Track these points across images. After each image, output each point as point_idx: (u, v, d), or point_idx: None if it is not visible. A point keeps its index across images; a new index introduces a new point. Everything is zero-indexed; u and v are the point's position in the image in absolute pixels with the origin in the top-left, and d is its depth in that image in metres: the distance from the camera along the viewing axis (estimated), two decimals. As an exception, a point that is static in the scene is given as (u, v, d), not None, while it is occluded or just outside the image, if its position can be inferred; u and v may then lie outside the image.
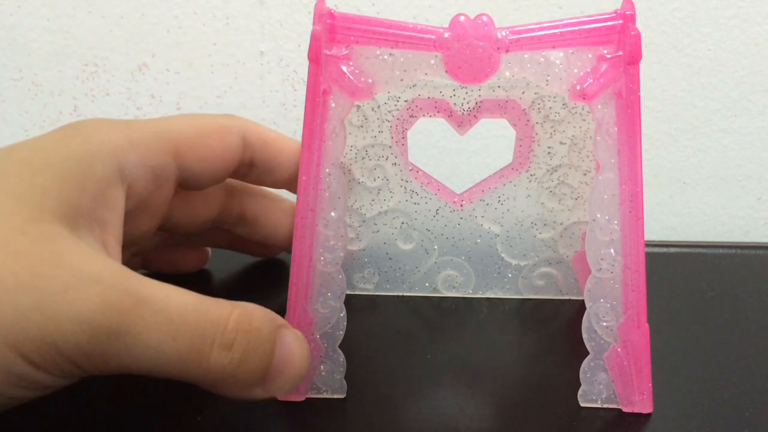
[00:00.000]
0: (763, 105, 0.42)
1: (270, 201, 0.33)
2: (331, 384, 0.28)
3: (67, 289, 0.20)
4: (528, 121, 0.30)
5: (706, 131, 0.42)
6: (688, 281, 0.36)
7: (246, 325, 0.23)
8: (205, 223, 0.32)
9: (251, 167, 0.30)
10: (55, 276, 0.20)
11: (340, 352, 0.28)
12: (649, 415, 0.28)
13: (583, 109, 0.30)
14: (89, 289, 0.21)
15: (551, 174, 0.32)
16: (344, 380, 0.28)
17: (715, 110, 0.42)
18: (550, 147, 0.31)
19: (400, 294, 0.35)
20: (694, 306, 0.34)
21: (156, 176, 0.27)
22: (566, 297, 0.35)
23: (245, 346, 0.23)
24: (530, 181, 0.32)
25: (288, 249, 0.34)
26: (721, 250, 0.38)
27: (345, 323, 0.28)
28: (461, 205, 0.33)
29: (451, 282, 0.34)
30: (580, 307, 0.34)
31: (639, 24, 0.24)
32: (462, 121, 0.31)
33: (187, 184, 0.29)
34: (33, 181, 0.22)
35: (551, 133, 0.31)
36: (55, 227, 0.21)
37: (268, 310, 0.25)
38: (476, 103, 0.30)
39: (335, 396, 0.28)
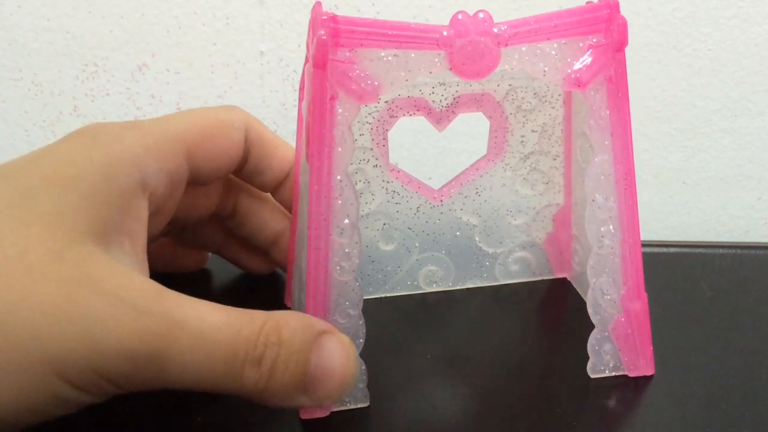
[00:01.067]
0: (763, 105, 0.42)
1: (261, 200, 0.33)
2: (355, 394, 0.28)
3: (106, 318, 0.21)
4: (502, 112, 0.31)
5: (706, 131, 0.43)
6: (688, 281, 0.36)
7: (274, 338, 0.23)
8: (204, 216, 0.31)
9: (244, 163, 0.30)
10: (94, 304, 0.21)
11: (361, 360, 0.27)
12: (651, 376, 0.29)
13: (552, 97, 0.32)
14: (126, 317, 0.21)
15: (524, 161, 0.33)
16: (366, 389, 0.28)
17: (715, 110, 0.42)
18: (522, 136, 0.32)
19: (383, 295, 0.35)
20: (694, 306, 0.34)
21: (172, 179, 0.26)
22: (539, 278, 0.36)
23: (273, 360, 0.23)
24: (505, 170, 0.33)
25: (274, 256, 0.33)
26: (721, 250, 0.39)
27: (364, 331, 0.27)
28: (441, 201, 0.33)
29: (432, 277, 0.35)
30: (551, 285, 0.36)
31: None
32: (440, 117, 0.31)
33: (193, 181, 0.28)
34: (62, 200, 0.22)
35: (523, 122, 0.32)
36: (89, 248, 0.21)
37: (308, 317, 0.24)
38: (454, 99, 0.31)
39: (359, 406, 0.28)
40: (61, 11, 0.41)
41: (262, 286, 0.35)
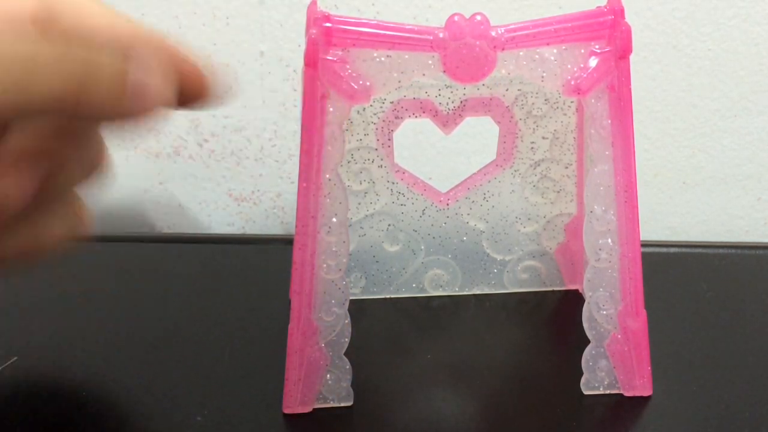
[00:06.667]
0: (763, 105, 0.42)
1: None
2: (338, 392, 0.28)
3: None
4: (512, 117, 0.31)
5: (706, 131, 0.42)
6: (688, 281, 0.36)
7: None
8: None
9: None
10: None
11: (346, 359, 0.27)
12: (648, 397, 0.28)
13: (564, 103, 0.31)
14: None
15: (534, 168, 0.32)
16: (350, 388, 0.28)
17: (715, 110, 0.42)
18: (532, 142, 0.32)
19: (388, 296, 0.35)
20: (694, 306, 0.34)
21: None
22: (549, 288, 0.35)
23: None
24: (514, 177, 0.32)
25: None
26: (721, 250, 0.38)
27: (350, 330, 0.27)
28: (447, 204, 0.33)
29: (438, 281, 0.34)
30: (562, 296, 0.35)
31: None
32: (447, 120, 0.31)
33: None
34: None
35: (534, 129, 0.31)
36: None
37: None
38: (461, 102, 0.30)
39: (342, 404, 0.28)
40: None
41: (266, 279, 0.36)
